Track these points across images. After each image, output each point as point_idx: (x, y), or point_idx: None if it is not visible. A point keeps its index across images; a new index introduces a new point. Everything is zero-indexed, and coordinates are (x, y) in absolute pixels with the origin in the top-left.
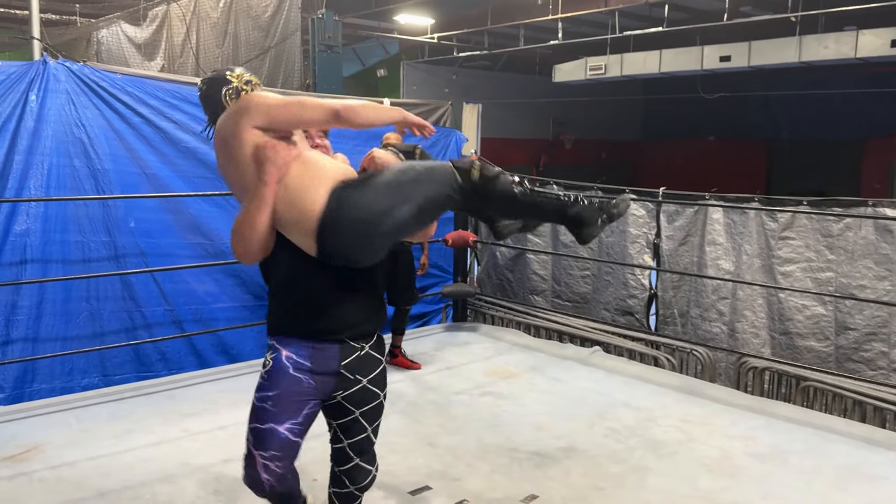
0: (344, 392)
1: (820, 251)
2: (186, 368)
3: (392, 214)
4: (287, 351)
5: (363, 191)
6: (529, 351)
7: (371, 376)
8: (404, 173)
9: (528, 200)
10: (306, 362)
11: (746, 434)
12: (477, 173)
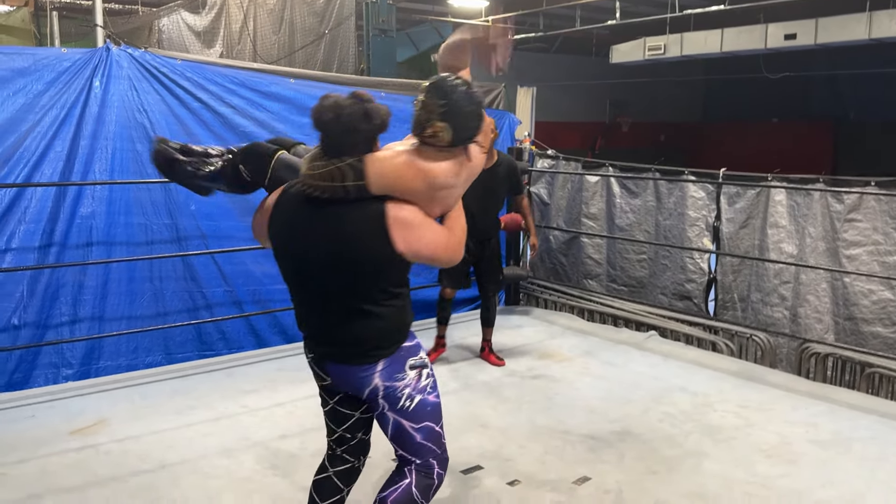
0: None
1: (888, 234)
2: (245, 348)
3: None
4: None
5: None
6: (583, 335)
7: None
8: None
9: None
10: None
11: (807, 420)
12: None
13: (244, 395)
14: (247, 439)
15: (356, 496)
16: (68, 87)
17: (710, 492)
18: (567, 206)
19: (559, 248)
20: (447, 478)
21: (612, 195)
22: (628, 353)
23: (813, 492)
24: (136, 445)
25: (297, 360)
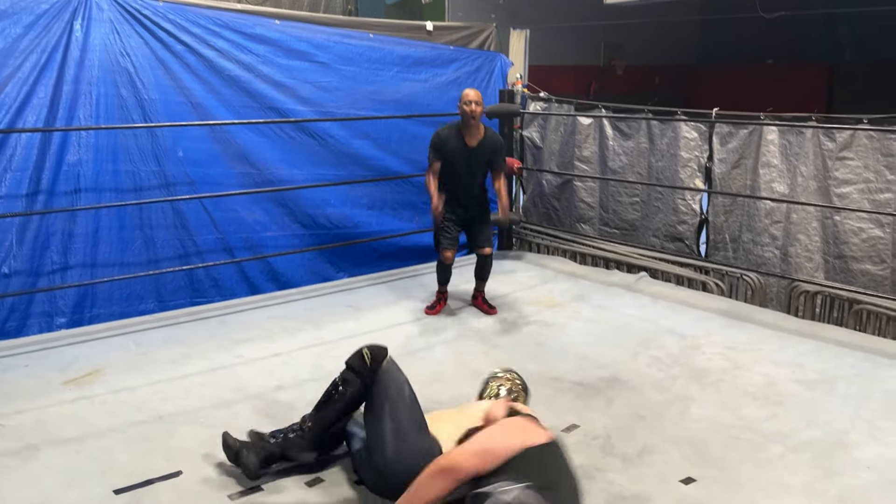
0: None
1: (879, 171)
2: (238, 295)
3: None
4: None
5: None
6: (575, 279)
7: None
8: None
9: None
10: None
11: (794, 360)
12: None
13: (238, 345)
14: (242, 390)
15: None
16: (48, 31)
17: (696, 436)
18: (560, 150)
19: (552, 192)
20: None
21: (604, 138)
22: (619, 295)
23: (798, 433)
24: (132, 396)
25: (289, 308)
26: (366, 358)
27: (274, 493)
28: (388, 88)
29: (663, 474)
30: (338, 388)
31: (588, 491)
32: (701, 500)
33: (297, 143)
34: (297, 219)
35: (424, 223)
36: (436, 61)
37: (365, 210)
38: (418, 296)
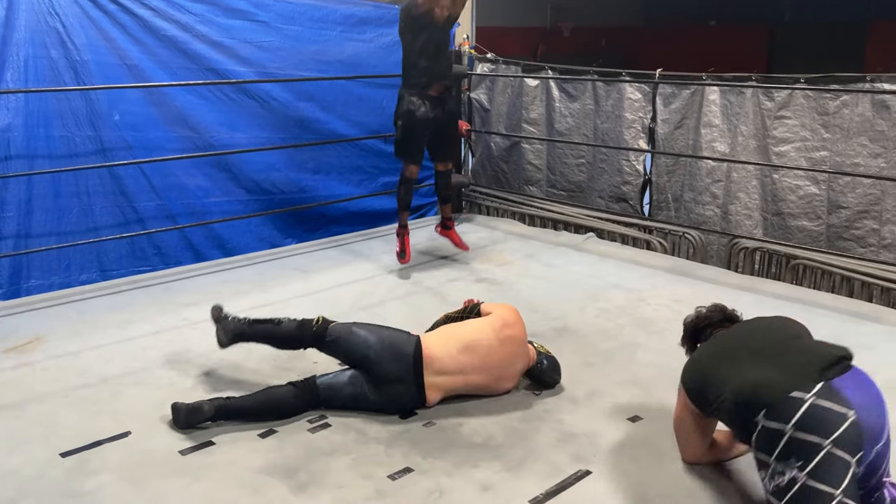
0: None
1: (815, 130)
2: (183, 263)
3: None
4: None
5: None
6: (524, 239)
7: None
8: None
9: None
10: None
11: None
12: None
13: (184, 309)
14: (190, 351)
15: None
16: None
17: (642, 379)
18: (507, 112)
19: (500, 154)
20: None
21: (551, 99)
22: (567, 254)
23: None
24: (75, 361)
25: (237, 273)
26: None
27: (226, 446)
28: (333, 49)
29: (611, 414)
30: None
31: (539, 430)
32: (646, 435)
33: (238, 106)
34: (241, 184)
35: (372, 188)
36: (381, 21)
37: (311, 175)
38: (369, 257)
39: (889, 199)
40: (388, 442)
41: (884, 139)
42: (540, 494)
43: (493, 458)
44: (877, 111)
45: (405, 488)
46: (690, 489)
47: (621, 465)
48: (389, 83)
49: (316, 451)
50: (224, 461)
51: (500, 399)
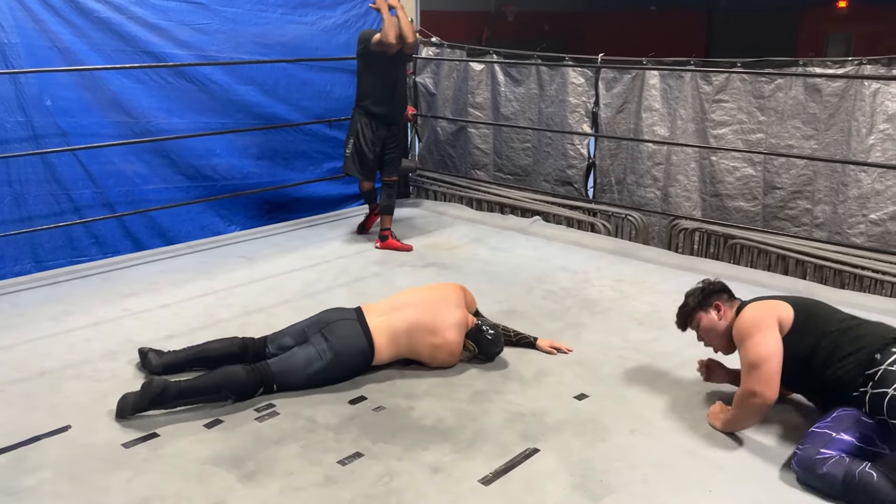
0: None
1: (751, 113)
2: (122, 252)
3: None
4: None
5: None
6: (472, 224)
7: None
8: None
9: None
10: None
11: (676, 290)
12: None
13: (124, 299)
14: (131, 341)
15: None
16: None
17: (587, 358)
18: (453, 97)
19: (447, 139)
20: None
21: (496, 84)
22: (514, 238)
23: (680, 352)
24: (10, 355)
25: (178, 262)
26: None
27: (171, 437)
28: (274, 31)
29: (558, 392)
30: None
31: (488, 411)
32: (592, 412)
33: (176, 90)
34: (181, 170)
35: (318, 173)
36: (323, 3)
37: (254, 160)
38: (316, 244)
39: (821, 179)
40: (338, 428)
41: (816, 121)
42: (489, 474)
43: (443, 441)
44: (809, 94)
45: (355, 473)
46: (632, 462)
47: (567, 441)
48: (333, 66)
49: (264, 439)
50: (169, 453)
51: (449, 381)
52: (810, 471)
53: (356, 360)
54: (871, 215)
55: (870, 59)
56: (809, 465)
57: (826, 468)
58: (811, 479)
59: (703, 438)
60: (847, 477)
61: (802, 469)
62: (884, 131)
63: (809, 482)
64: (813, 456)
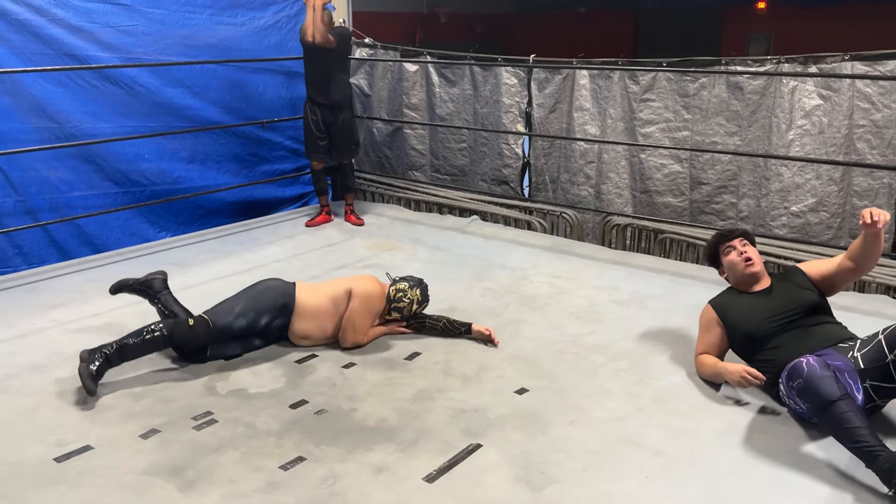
0: None
1: (678, 111)
2: (48, 262)
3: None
4: None
5: None
6: (410, 224)
7: None
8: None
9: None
10: None
11: (610, 284)
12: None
13: (52, 310)
14: (59, 353)
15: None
16: None
17: (527, 353)
18: (388, 97)
19: (383, 140)
20: (280, 369)
21: (431, 84)
22: (453, 237)
23: (616, 344)
24: None
25: (108, 270)
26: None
27: (105, 450)
28: (202, 33)
29: (499, 388)
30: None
31: (431, 409)
32: (533, 406)
33: (101, 93)
34: (108, 176)
35: (252, 176)
36: (252, 4)
37: (185, 164)
38: (252, 249)
39: (745, 174)
40: (279, 433)
41: (738, 118)
42: (433, 471)
43: (386, 440)
44: (731, 92)
45: (298, 477)
46: (571, 452)
47: (509, 435)
48: (265, 67)
49: (203, 448)
50: (104, 465)
51: (392, 381)
52: (811, 378)
53: (278, 292)
54: (793, 207)
55: (787, 58)
56: (815, 373)
57: (824, 384)
58: (807, 386)
59: (640, 427)
60: (833, 399)
61: (805, 376)
62: (802, 127)
63: (803, 389)
64: (819, 367)
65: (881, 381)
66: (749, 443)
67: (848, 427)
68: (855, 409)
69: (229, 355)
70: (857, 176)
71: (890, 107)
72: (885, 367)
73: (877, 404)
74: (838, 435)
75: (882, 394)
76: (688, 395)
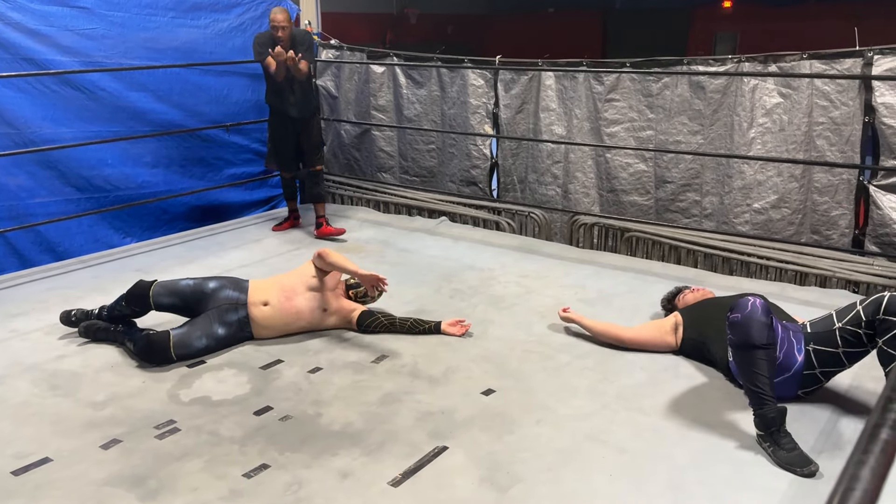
0: None
1: (642, 111)
2: (7, 270)
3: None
4: None
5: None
6: (379, 226)
7: None
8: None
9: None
10: None
11: (577, 283)
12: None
13: (11, 320)
14: (19, 364)
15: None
16: None
17: (494, 353)
18: (356, 99)
19: (351, 142)
20: (245, 375)
21: (398, 86)
22: (422, 239)
23: (581, 343)
24: None
25: (70, 278)
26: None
27: (65, 461)
28: (165, 36)
29: (466, 389)
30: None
31: (398, 412)
32: (500, 407)
33: (61, 98)
34: (70, 181)
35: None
36: (216, 6)
37: (149, 169)
38: (217, 253)
39: (708, 172)
40: (243, 441)
41: (701, 117)
42: (398, 475)
43: (352, 445)
44: (694, 92)
45: (262, 485)
46: (538, 452)
47: (476, 436)
48: (230, 70)
49: (165, 456)
50: (63, 477)
51: (358, 384)
52: (748, 318)
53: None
54: (755, 204)
55: (748, 57)
56: (754, 315)
57: (756, 328)
58: (742, 322)
59: (605, 424)
60: (756, 344)
61: (745, 314)
62: (763, 125)
63: (737, 323)
64: (761, 312)
65: (823, 346)
66: (711, 438)
67: (755, 371)
68: (770, 360)
69: (196, 349)
70: (818, 173)
71: (847, 104)
72: (832, 333)
73: (815, 375)
74: (744, 374)
75: (821, 361)
76: (652, 392)
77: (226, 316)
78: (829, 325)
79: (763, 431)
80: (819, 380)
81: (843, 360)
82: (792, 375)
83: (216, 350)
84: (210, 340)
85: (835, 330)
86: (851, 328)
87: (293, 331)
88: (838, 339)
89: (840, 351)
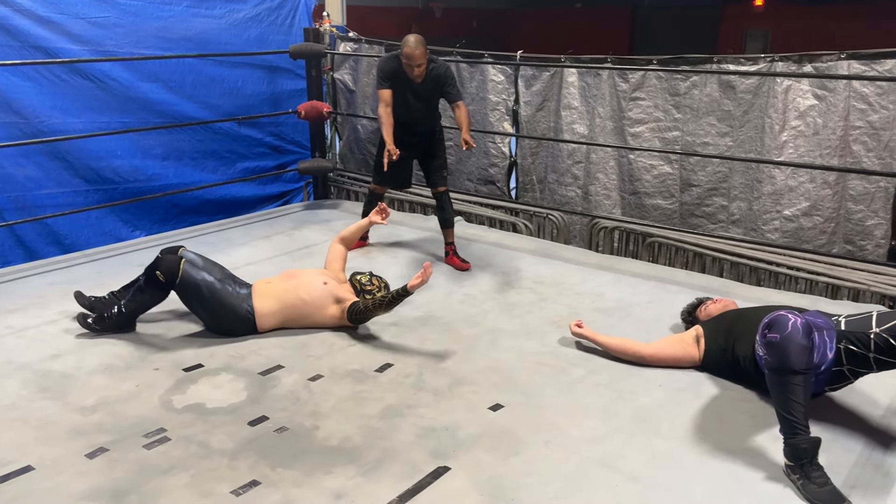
0: None
1: (668, 111)
2: (13, 262)
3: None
4: None
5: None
6: (392, 225)
7: None
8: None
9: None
10: None
11: (594, 291)
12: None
13: (8, 315)
14: (11, 363)
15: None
16: None
17: (504, 365)
18: (374, 94)
19: (368, 137)
20: (242, 381)
21: None
22: (435, 240)
23: (596, 357)
24: None
25: (73, 272)
26: (159, 278)
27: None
28: (178, 25)
29: (472, 404)
30: (141, 290)
31: (398, 427)
32: (506, 424)
33: (71, 88)
34: (79, 173)
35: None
36: None
37: (159, 161)
38: (226, 250)
39: (736, 176)
40: (234, 454)
41: (730, 118)
42: (395, 498)
43: (347, 462)
44: (723, 91)
45: None
46: (545, 476)
47: (479, 457)
48: (245, 62)
49: (150, 469)
50: (42, 488)
51: (359, 395)
52: (788, 340)
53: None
54: (785, 211)
55: (781, 56)
56: (794, 338)
57: (796, 352)
58: (781, 344)
59: (617, 448)
60: (795, 370)
61: (784, 335)
62: (796, 128)
63: (775, 344)
64: (802, 334)
65: (855, 346)
66: (733, 467)
67: (791, 398)
68: (808, 385)
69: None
70: (853, 179)
71: (887, 108)
72: (866, 336)
73: (843, 372)
74: (778, 399)
75: (851, 360)
76: (671, 412)
77: (234, 285)
78: (866, 327)
79: (793, 462)
80: (847, 377)
81: (872, 364)
82: (822, 373)
83: (212, 304)
84: (215, 283)
85: (870, 334)
86: (887, 337)
87: (293, 305)
88: (872, 344)
89: (871, 356)
